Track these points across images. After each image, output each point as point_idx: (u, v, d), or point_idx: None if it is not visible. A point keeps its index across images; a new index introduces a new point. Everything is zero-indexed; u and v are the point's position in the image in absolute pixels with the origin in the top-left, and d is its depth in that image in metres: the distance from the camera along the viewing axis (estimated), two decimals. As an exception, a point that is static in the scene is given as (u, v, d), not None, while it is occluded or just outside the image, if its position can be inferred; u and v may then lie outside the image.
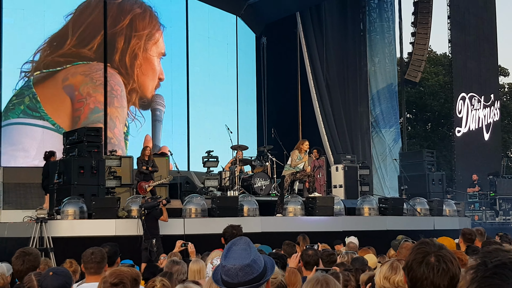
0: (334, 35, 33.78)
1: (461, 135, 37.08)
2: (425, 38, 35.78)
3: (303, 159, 20.63)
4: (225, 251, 3.77)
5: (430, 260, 3.62)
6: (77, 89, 27.00)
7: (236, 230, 8.59)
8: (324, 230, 18.65)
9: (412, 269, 3.67)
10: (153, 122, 29.44)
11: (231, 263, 3.68)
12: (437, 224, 22.14)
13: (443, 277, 3.58)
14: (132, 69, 28.44)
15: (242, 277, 3.64)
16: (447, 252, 3.69)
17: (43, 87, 26.42)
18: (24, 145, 25.58)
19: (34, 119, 26.00)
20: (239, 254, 3.71)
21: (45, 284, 5.54)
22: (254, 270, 3.67)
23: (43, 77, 26.46)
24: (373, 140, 34.72)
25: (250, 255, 3.71)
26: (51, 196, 18.74)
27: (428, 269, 3.60)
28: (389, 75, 35.34)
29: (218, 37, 32.92)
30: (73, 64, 27.02)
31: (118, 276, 5.01)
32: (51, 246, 15.65)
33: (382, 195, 29.44)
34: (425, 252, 3.67)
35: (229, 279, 3.66)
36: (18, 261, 7.14)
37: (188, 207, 18.53)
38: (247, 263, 3.66)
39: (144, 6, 29.42)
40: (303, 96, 33.74)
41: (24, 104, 25.96)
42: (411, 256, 3.71)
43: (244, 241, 3.82)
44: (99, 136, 19.16)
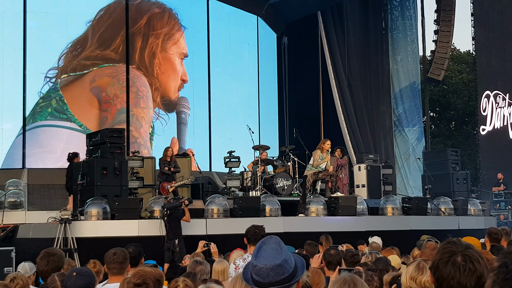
0: (356, 34, 33.68)
1: (486, 133, 36.83)
2: (448, 35, 35.60)
3: (325, 158, 20.54)
4: (256, 250, 3.76)
5: (456, 260, 3.59)
6: (104, 91, 27.20)
7: (259, 230, 8.56)
8: (347, 230, 18.58)
9: (438, 269, 3.64)
10: (178, 125, 29.49)
11: (262, 262, 3.67)
12: (462, 224, 21.98)
13: (470, 277, 3.54)
14: (151, 67, 28.55)
15: (273, 277, 3.63)
16: (474, 252, 3.65)
17: (70, 90, 26.67)
18: (52, 147, 25.82)
19: (61, 121, 26.25)
20: (270, 254, 3.70)
21: (68, 284, 5.55)
22: (285, 270, 3.65)
23: (70, 80, 26.73)
24: (396, 139, 34.58)
25: (281, 255, 3.69)
26: (75, 197, 18.82)
27: (454, 269, 3.56)
28: (412, 74, 35.19)
29: (239, 37, 32.91)
30: (99, 67, 27.21)
31: (141, 277, 5.03)
32: (75, 247, 15.72)
33: (406, 194, 29.29)
34: (452, 251, 3.63)
35: (260, 278, 3.65)
36: (43, 261, 7.17)
37: (210, 208, 18.54)
38: (278, 263, 3.65)
39: (163, 6, 29.51)
40: (324, 95, 33.67)
41: (51, 107, 26.22)
42: (438, 256, 3.68)
43: (275, 240, 3.80)
44: (121, 137, 19.22)
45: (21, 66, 25.90)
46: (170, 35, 29.44)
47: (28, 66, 25.96)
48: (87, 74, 27.01)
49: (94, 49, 27.21)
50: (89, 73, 27.04)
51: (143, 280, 5.01)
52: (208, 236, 16.50)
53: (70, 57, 26.84)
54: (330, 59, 32.33)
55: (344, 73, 32.43)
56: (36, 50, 26.21)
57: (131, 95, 27.61)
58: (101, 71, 27.24)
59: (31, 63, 26.04)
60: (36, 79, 26.05)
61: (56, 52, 26.54)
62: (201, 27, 30.85)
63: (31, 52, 26.09)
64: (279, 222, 18.60)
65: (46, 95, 26.26)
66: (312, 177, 20.48)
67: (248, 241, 8.53)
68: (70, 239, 15.88)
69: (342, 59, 32.48)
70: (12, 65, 25.88)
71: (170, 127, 29.23)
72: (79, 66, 26.90)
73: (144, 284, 5.00)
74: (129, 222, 16.94)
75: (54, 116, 26.19)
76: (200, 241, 12.97)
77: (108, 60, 27.43)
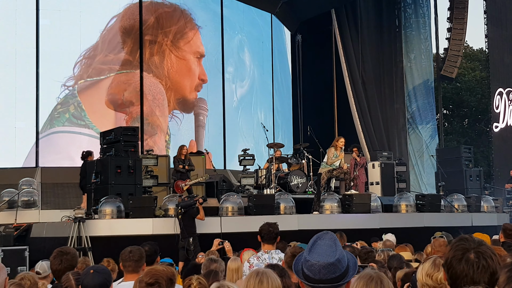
0: (369, 32, 33.65)
1: (499, 130, 36.67)
2: (461, 33, 35.50)
3: (339, 156, 20.54)
4: (310, 244, 3.75)
5: (469, 257, 3.59)
6: (120, 98, 27.20)
7: (273, 228, 8.55)
8: (361, 227, 18.57)
9: (452, 266, 3.64)
10: (196, 128, 29.51)
11: (315, 258, 3.66)
12: (475, 221, 21.93)
13: (483, 274, 3.55)
14: (161, 66, 28.51)
15: (325, 275, 3.62)
16: (487, 248, 3.66)
17: (88, 96, 26.74)
18: (69, 153, 25.79)
19: (79, 127, 26.30)
20: (325, 251, 3.68)
21: (86, 282, 5.58)
22: (337, 270, 3.64)
23: (87, 85, 26.75)
24: (409, 136, 34.53)
25: (336, 253, 3.68)
26: (89, 196, 18.85)
27: (468, 266, 3.56)
28: (425, 71, 35.13)
29: (253, 35, 32.92)
30: (117, 73, 27.24)
31: (153, 276, 5.04)
32: (89, 246, 15.73)
33: (419, 191, 29.28)
34: (465, 248, 3.63)
35: (310, 274, 3.65)
36: (56, 260, 7.18)
37: (225, 206, 18.53)
38: (332, 262, 3.64)
39: (174, 6, 29.46)
40: (338, 93, 33.68)
41: (69, 113, 26.28)
42: (451, 253, 3.68)
43: (330, 236, 3.79)
44: (135, 135, 19.21)
45: (34, 64, 25.96)
46: (182, 34, 29.42)
47: (41, 65, 26.02)
48: (104, 80, 27.10)
49: (108, 53, 27.27)
50: (105, 79, 27.13)
51: (155, 279, 5.03)
52: (223, 234, 16.50)
53: (85, 63, 26.91)
54: (344, 57, 32.31)
55: (358, 71, 32.40)
56: (49, 48, 26.26)
57: (146, 103, 27.62)
58: (118, 78, 27.31)
59: (44, 61, 26.09)
60: (49, 78, 26.11)
61: (69, 51, 26.60)
62: (215, 26, 30.85)
63: (44, 50, 26.15)
64: (294, 219, 18.60)
65: (64, 100, 26.33)
66: (327, 175, 20.48)
67: (262, 239, 8.53)
68: (84, 238, 15.88)
69: (356, 57, 32.45)
70: (25, 63, 25.94)
71: (187, 127, 29.18)
72: (95, 71, 26.97)
73: (157, 283, 5.01)
74: (144, 220, 16.95)
75: (71, 122, 26.29)
76: (215, 239, 13.00)
77: (124, 64, 27.48)
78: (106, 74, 27.12)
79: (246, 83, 32.12)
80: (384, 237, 14.59)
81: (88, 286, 5.54)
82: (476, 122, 53.61)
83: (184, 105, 29.28)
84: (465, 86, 53.42)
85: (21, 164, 25.53)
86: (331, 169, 20.49)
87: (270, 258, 8.18)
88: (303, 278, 3.67)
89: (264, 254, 8.37)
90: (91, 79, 26.85)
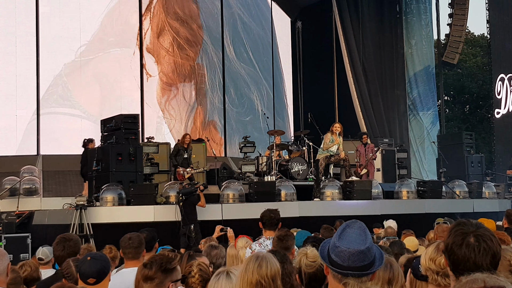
0: (370, 17, 33.55)
1: (500, 116, 36.62)
2: (462, 19, 35.41)
3: (335, 141, 20.49)
4: (339, 231, 3.73)
5: (470, 241, 3.60)
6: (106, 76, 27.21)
7: (274, 214, 8.57)
8: (362, 214, 18.54)
9: (453, 251, 3.64)
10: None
11: (345, 245, 3.64)
12: (477, 207, 21.95)
13: (485, 257, 3.56)
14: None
15: (353, 262, 3.61)
16: (485, 231, 3.67)
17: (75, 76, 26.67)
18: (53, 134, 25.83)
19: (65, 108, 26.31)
20: (355, 238, 3.67)
21: (83, 269, 5.55)
22: (365, 258, 3.63)
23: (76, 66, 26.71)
24: (410, 123, 34.50)
25: (366, 241, 3.66)
26: (90, 183, 18.89)
27: (469, 251, 3.57)
28: (426, 57, 35.05)
29: (253, 22, 32.86)
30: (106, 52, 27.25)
31: (150, 259, 5.05)
32: (90, 233, 15.78)
33: (420, 178, 29.27)
34: (464, 233, 3.63)
35: (339, 260, 3.63)
36: (59, 247, 7.19)
37: (226, 193, 18.55)
38: (362, 249, 3.63)
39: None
40: (339, 79, 33.65)
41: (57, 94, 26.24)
42: (450, 239, 3.68)
43: (359, 225, 3.77)
44: (136, 123, 19.20)
45: (34, 52, 25.95)
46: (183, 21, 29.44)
47: (41, 52, 26.01)
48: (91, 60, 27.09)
49: (103, 35, 27.33)
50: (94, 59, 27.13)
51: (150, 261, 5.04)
52: (224, 221, 16.53)
53: (84, 46, 26.94)
54: (345, 43, 32.26)
55: (359, 57, 32.35)
56: (49, 35, 26.24)
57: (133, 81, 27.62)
58: (105, 57, 27.33)
59: (44, 49, 26.08)
60: (49, 66, 26.10)
61: (69, 38, 26.58)
62: (215, 12, 30.79)
63: (44, 38, 26.13)
64: (295, 206, 18.61)
65: (53, 82, 26.34)
66: (324, 161, 20.44)
67: (263, 226, 8.55)
68: (85, 225, 15.93)
69: (356, 43, 32.39)
70: (25, 51, 25.93)
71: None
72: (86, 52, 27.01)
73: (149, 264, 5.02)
74: (145, 207, 16.97)
75: (59, 103, 26.30)
76: (216, 226, 13.01)
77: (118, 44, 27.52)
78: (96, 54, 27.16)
79: (247, 70, 32.06)
80: (386, 223, 14.61)
81: (85, 273, 5.51)
82: (478, 108, 53.53)
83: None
84: (467, 72, 53.33)
85: (22, 152, 25.52)
86: (329, 155, 20.46)
87: (271, 244, 8.18)
88: (330, 264, 3.66)
89: (266, 240, 8.39)
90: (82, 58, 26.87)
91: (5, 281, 5.67)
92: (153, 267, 4.98)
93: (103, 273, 5.56)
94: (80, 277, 5.57)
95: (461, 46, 36.44)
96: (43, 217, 18.10)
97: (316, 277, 4.94)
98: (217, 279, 4.81)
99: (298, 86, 34.93)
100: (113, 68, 27.36)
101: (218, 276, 4.83)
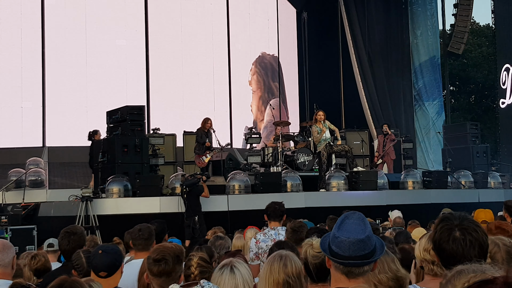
0: (376, 8, 33.49)
1: (506, 106, 36.55)
2: (467, 9, 35.35)
3: (323, 130, 20.27)
4: (339, 222, 3.74)
5: (456, 236, 3.71)
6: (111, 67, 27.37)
7: (279, 206, 8.61)
8: (367, 204, 18.58)
9: (441, 247, 3.76)
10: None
11: (345, 235, 3.65)
12: (482, 197, 21.94)
13: (472, 249, 3.67)
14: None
15: (354, 251, 3.61)
16: (469, 222, 3.77)
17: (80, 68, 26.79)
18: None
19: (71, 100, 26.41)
20: (354, 228, 3.67)
21: (95, 262, 5.56)
22: (366, 247, 3.63)
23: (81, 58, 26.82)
24: (416, 113, 34.47)
25: (365, 231, 3.67)
26: (96, 175, 18.90)
27: (456, 245, 3.67)
28: (431, 48, 35.00)
29: (259, 13, 32.82)
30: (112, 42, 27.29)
31: (160, 253, 5.06)
32: (96, 224, 15.80)
33: (426, 168, 29.25)
34: (449, 228, 3.74)
35: (340, 251, 3.64)
36: (64, 241, 7.17)
37: (232, 184, 18.57)
38: (361, 238, 3.63)
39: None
40: (345, 70, 33.62)
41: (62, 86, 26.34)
42: (437, 236, 3.80)
43: (358, 216, 3.77)
44: (142, 114, 19.20)
45: (39, 44, 25.97)
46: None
47: (47, 44, 26.03)
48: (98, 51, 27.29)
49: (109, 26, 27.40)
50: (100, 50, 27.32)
51: (162, 256, 5.03)
52: (230, 212, 16.60)
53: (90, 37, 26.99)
54: (350, 34, 32.22)
55: (365, 48, 32.30)
56: (55, 28, 26.25)
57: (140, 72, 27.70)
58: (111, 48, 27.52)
59: (50, 41, 26.10)
60: (55, 57, 26.11)
61: (74, 30, 26.58)
62: (221, 3, 30.76)
63: (50, 30, 26.15)
64: (301, 197, 18.63)
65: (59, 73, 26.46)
66: (326, 151, 20.30)
67: (268, 217, 8.58)
68: (91, 216, 15.96)
69: (362, 34, 32.34)
70: (30, 43, 25.96)
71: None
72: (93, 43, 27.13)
73: (164, 259, 5.02)
74: (151, 199, 17.00)
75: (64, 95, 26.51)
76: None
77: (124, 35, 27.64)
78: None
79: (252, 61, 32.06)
80: (391, 214, 14.59)
81: (97, 266, 5.52)
82: (483, 99, 53.47)
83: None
84: (472, 62, 53.26)
85: (28, 144, 25.56)
86: (328, 144, 20.30)
87: (276, 234, 8.22)
88: (330, 255, 3.68)
89: (270, 230, 8.41)
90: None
91: (11, 273, 5.69)
92: (169, 261, 5.00)
93: (114, 266, 5.56)
94: (92, 270, 5.59)
95: (466, 36, 36.38)
96: (49, 209, 18.14)
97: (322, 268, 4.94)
98: (221, 273, 4.82)
99: (304, 77, 34.92)
100: (119, 59, 27.33)
101: (222, 270, 4.84)
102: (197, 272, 5.41)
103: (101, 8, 27.17)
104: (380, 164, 24.15)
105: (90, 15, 26.91)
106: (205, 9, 30.03)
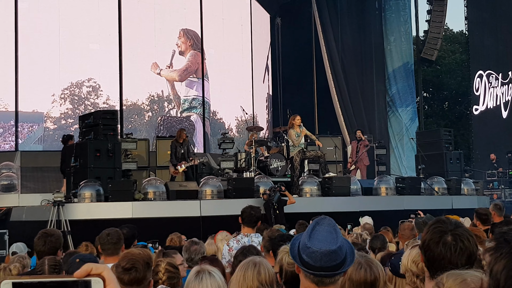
0: (349, 14, 33.65)
1: (479, 113, 36.88)
2: (441, 15, 35.57)
3: (302, 133, 20.33)
4: (309, 230, 3.62)
5: (447, 240, 3.61)
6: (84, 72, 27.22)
7: (255, 211, 8.60)
8: (340, 210, 18.58)
9: (429, 248, 3.65)
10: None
11: (317, 246, 3.53)
12: (456, 203, 22.01)
13: (461, 256, 3.57)
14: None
15: (326, 262, 3.51)
16: (463, 230, 3.69)
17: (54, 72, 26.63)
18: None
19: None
20: (325, 237, 3.56)
21: (71, 271, 5.50)
22: (338, 257, 3.53)
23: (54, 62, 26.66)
24: (389, 119, 34.62)
25: (337, 240, 3.55)
26: (68, 180, 18.79)
27: (445, 249, 3.58)
28: (405, 54, 35.18)
29: (232, 18, 32.79)
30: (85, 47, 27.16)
31: (129, 261, 4.99)
32: (68, 229, 15.70)
33: (399, 174, 29.34)
34: (442, 231, 3.64)
35: (311, 261, 3.53)
36: (40, 241, 7.13)
37: (204, 189, 18.51)
38: (334, 249, 3.52)
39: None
40: (318, 76, 33.72)
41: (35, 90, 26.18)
42: (428, 236, 3.69)
43: (329, 222, 3.66)
44: (115, 119, 19.13)
45: (13, 48, 25.78)
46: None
47: (20, 48, 25.86)
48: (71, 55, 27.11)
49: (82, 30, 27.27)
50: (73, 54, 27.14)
51: (132, 264, 4.97)
52: (202, 218, 16.54)
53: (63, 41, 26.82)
54: (324, 39, 32.32)
55: (338, 54, 32.42)
56: (28, 31, 26.08)
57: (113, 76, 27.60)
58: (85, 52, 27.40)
59: (23, 44, 25.92)
60: (28, 61, 25.95)
61: (48, 34, 26.42)
62: (194, 8, 30.69)
63: (23, 34, 25.97)
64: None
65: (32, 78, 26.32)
66: (298, 156, 20.30)
67: (242, 222, 8.55)
68: (63, 221, 15.85)
69: (335, 40, 32.47)
70: (3, 46, 25.77)
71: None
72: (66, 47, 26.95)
73: (133, 268, 4.96)
74: (123, 204, 16.91)
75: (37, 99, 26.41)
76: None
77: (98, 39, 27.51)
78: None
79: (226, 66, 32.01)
80: (361, 220, 14.60)
81: (75, 276, 5.47)
82: (456, 105, 53.80)
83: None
84: (445, 68, 53.60)
85: (0, 148, 25.39)
86: (302, 150, 20.34)
87: (249, 241, 8.18)
88: (301, 264, 3.59)
89: (244, 237, 8.38)
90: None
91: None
92: (140, 269, 4.94)
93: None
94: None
95: (439, 43, 36.62)
96: (21, 214, 17.99)
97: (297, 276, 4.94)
98: (200, 279, 4.75)
99: (278, 82, 34.95)
100: (93, 63, 27.20)
101: (199, 276, 4.77)
102: (165, 278, 5.37)
103: (74, 12, 27.01)
104: (354, 170, 24.20)
105: (64, 19, 26.75)
106: (179, 13, 29.94)
